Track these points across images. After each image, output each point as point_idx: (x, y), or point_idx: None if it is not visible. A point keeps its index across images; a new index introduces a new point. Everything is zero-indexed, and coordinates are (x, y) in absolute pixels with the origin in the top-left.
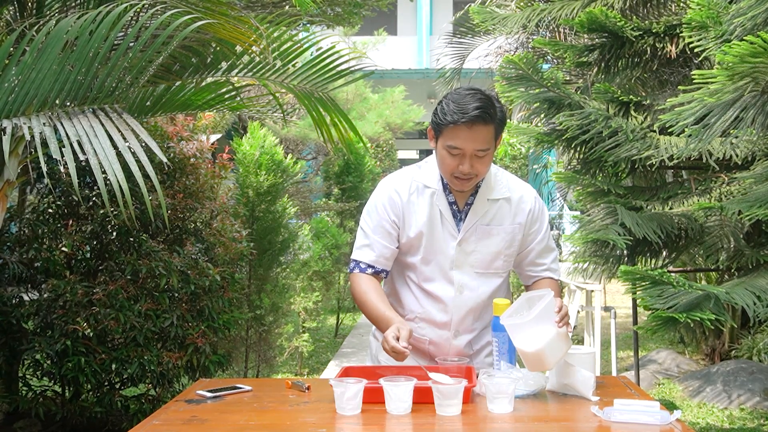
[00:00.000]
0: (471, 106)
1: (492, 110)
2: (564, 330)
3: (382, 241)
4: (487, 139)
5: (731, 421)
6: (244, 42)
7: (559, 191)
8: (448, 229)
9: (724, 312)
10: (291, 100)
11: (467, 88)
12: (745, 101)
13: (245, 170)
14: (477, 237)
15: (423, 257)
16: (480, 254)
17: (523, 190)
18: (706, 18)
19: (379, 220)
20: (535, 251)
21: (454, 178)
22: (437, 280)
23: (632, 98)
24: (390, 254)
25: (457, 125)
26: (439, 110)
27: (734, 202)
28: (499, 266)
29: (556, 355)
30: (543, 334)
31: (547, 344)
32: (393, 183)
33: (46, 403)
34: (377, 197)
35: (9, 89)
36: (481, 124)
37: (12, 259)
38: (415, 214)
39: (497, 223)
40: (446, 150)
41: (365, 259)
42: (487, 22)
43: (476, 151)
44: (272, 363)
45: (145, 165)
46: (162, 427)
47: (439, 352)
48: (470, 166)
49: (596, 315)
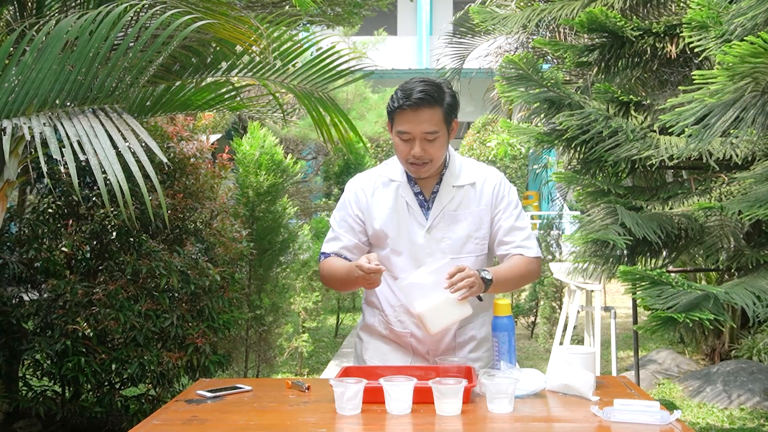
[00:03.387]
0: (416, 90)
1: (437, 94)
2: (455, 296)
3: (346, 234)
4: (433, 121)
5: (731, 421)
6: (244, 42)
7: (559, 191)
8: (416, 218)
9: (723, 312)
10: (291, 100)
11: (421, 77)
12: (746, 101)
13: (245, 170)
14: (445, 223)
15: (392, 248)
16: (450, 240)
17: (488, 174)
18: (706, 18)
19: (344, 215)
20: (503, 229)
21: (410, 165)
22: (409, 270)
23: (632, 98)
24: (353, 246)
25: (402, 109)
26: (390, 99)
27: (734, 202)
28: (472, 250)
29: (439, 320)
30: (432, 298)
31: (429, 309)
32: (359, 180)
33: (46, 403)
34: (345, 194)
35: (9, 89)
36: (426, 107)
37: (12, 259)
38: (379, 206)
39: (464, 208)
40: (398, 136)
41: (329, 250)
42: (487, 22)
43: (425, 135)
44: (272, 363)
45: (145, 165)
46: (162, 427)
47: (421, 346)
48: (421, 150)
49: (596, 315)
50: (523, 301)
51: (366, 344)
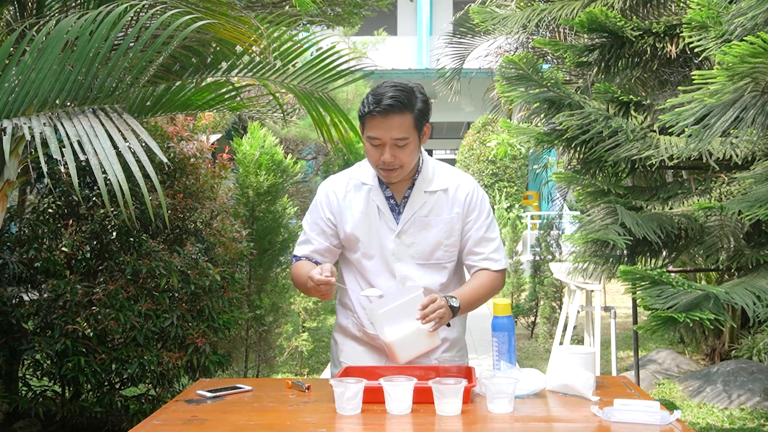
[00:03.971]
0: (386, 96)
1: (408, 100)
2: (426, 327)
3: (317, 237)
4: (403, 127)
5: (731, 421)
6: (244, 42)
7: (559, 191)
8: (387, 223)
9: (723, 312)
10: (291, 100)
11: (392, 81)
12: (745, 101)
13: (245, 170)
14: (416, 229)
15: (363, 252)
16: (420, 246)
17: (461, 180)
18: (706, 18)
19: (315, 219)
20: (472, 239)
21: (381, 170)
22: (381, 274)
23: (632, 98)
24: (324, 249)
25: (372, 115)
26: (361, 104)
27: (734, 202)
28: (441, 257)
29: (408, 350)
30: (402, 327)
31: (399, 339)
32: (331, 183)
33: (46, 403)
34: (317, 197)
35: (9, 89)
36: (396, 113)
37: (12, 259)
38: (350, 210)
39: (435, 215)
40: (368, 141)
41: (300, 253)
42: (487, 22)
43: (394, 141)
44: (272, 363)
45: (146, 165)
46: (162, 427)
47: None
48: (391, 156)
49: (596, 315)
50: (523, 301)
51: (341, 346)
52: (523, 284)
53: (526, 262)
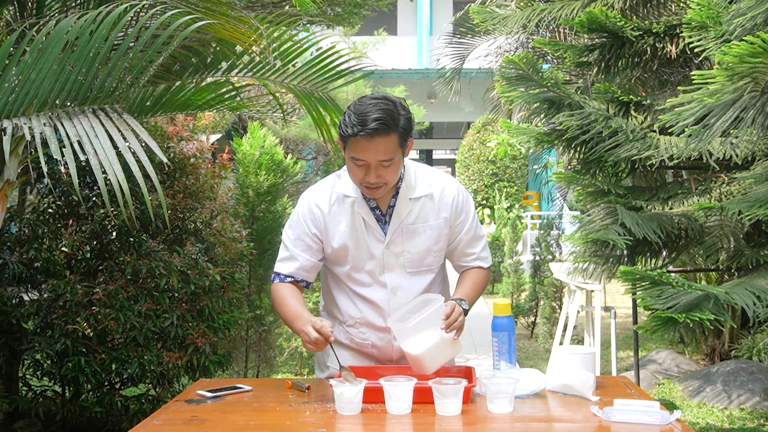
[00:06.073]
0: (371, 118)
1: (392, 120)
2: (449, 336)
3: (303, 254)
4: (389, 149)
5: (731, 421)
6: (244, 42)
7: (559, 191)
8: (374, 234)
9: (723, 312)
10: (291, 100)
11: (373, 95)
12: (745, 101)
13: (245, 170)
14: (404, 237)
15: (353, 266)
16: (410, 254)
17: (444, 184)
18: (706, 18)
19: (300, 234)
20: (463, 242)
21: (364, 188)
22: (371, 285)
23: (632, 98)
24: (310, 266)
25: (356, 138)
26: (342, 121)
27: (734, 202)
28: (431, 263)
29: (436, 360)
30: (427, 338)
31: (427, 350)
32: (313, 196)
33: (46, 403)
34: (298, 210)
35: (9, 89)
36: (382, 135)
37: (12, 259)
38: (337, 224)
39: (422, 221)
40: (352, 161)
41: (284, 270)
42: (487, 22)
43: (380, 162)
44: (272, 363)
45: (146, 165)
46: (162, 427)
47: (381, 355)
48: (376, 176)
49: (596, 315)
50: (523, 301)
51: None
52: (523, 284)
53: (526, 262)
